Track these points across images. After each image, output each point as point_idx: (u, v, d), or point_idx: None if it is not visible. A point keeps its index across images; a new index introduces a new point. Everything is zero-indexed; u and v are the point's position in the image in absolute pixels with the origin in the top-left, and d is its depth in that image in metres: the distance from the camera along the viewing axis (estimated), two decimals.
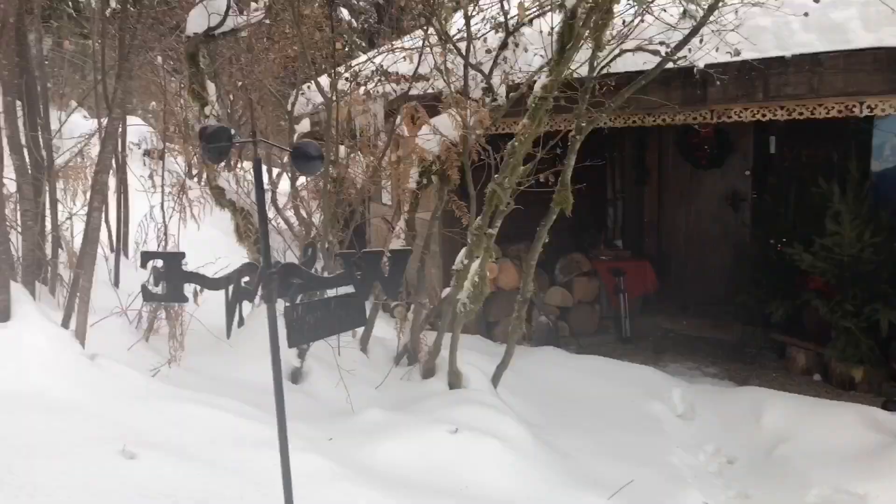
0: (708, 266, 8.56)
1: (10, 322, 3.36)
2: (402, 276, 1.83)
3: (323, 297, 1.89)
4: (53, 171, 4.47)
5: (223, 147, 1.60)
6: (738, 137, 8.21)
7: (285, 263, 1.84)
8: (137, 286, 5.10)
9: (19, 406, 2.97)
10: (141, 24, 3.50)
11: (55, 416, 2.96)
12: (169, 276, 1.81)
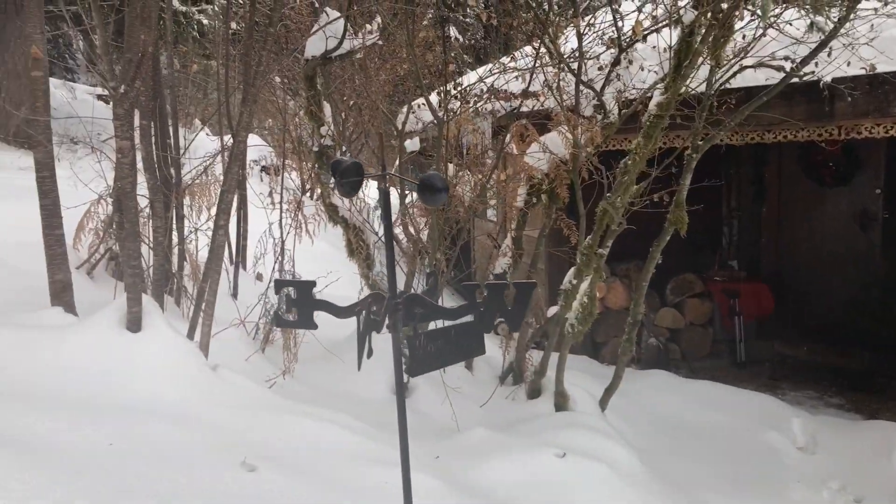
0: (831, 288, 8.07)
1: (140, 333, 3.57)
2: (527, 310, 1.81)
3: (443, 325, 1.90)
4: (181, 189, 4.72)
5: (356, 182, 1.64)
6: (867, 154, 7.72)
7: (410, 294, 1.86)
8: (255, 298, 5.36)
9: (148, 414, 3.14)
10: (266, 50, 3.66)
11: (180, 426, 3.11)
12: (300, 303, 1.87)
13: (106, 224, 5.56)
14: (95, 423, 2.90)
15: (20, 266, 5.06)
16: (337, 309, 1.92)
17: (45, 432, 2.68)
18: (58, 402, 3.05)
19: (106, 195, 5.69)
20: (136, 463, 2.54)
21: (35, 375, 3.33)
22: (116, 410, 3.12)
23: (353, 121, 8.01)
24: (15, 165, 10.04)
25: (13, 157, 10.25)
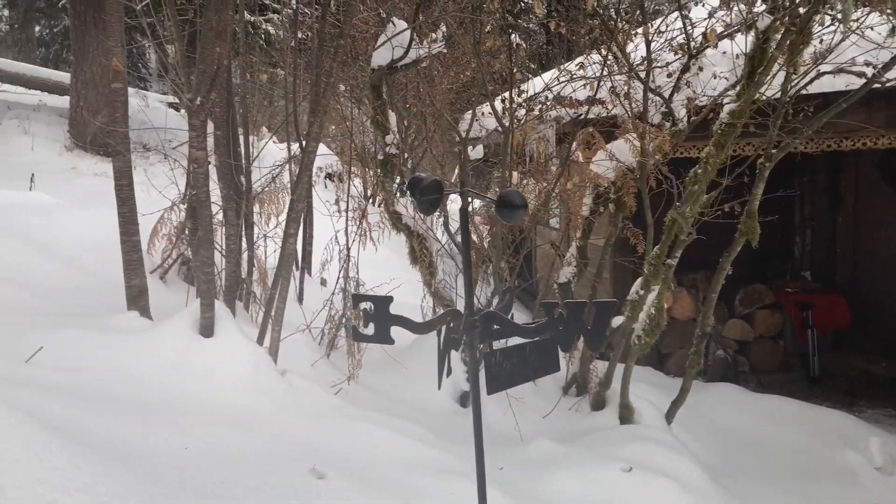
0: None
1: (213, 338, 3.66)
2: (607, 330, 1.78)
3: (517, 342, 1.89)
4: (251, 196, 4.83)
5: (435, 199, 1.64)
6: None
7: (487, 311, 1.85)
8: (320, 303, 5.44)
9: (221, 418, 3.21)
10: (337, 62, 3.71)
11: (251, 430, 3.17)
12: (378, 318, 1.88)
13: (178, 230, 5.74)
14: (171, 426, 2.99)
15: (98, 270, 5.27)
16: (414, 325, 1.93)
17: (124, 435, 2.77)
18: (135, 405, 3.15)
19: (178, 202, 5.88)
20: (211, 467, 2.60)
21: (113, 379, 3.44)
22: (190, 414, 3.20)
23: (416, 128, 8.06)
24: (91, 171, 10.45)
25: (90, 163, 10.67)
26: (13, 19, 16.13)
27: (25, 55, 16.04)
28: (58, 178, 9.54)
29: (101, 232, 5.88)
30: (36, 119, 11.24)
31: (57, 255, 5.13)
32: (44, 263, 4.85)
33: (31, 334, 3.58)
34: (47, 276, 4.73)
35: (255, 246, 5.03)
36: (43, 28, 16.23)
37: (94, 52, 10.69)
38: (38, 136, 10.69)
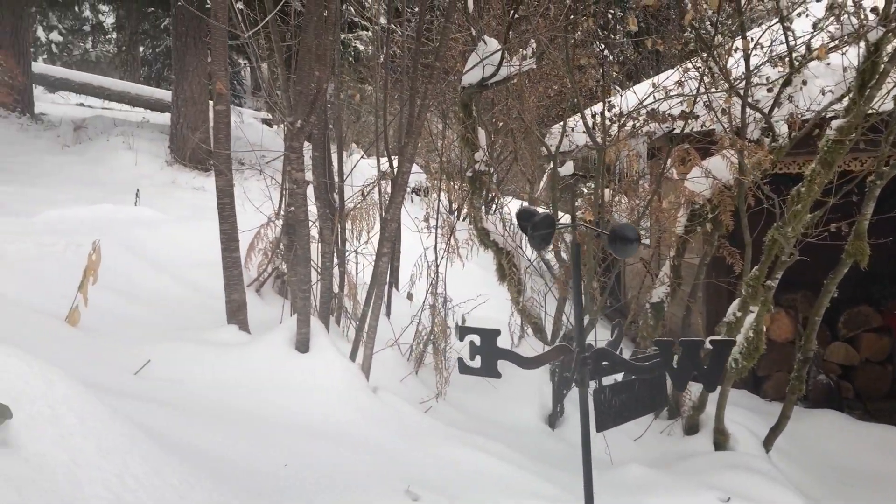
0: None
1: (308, 354, 3.75)
2: (724, 369, 1.72)
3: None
4: (343, 213, 4.93)
5: (547, 234, 1.63)
6: None
7: (599, 348, 1.83)
8: (407, 317, 5.49)
9: (316, 434, 3.28)
10: (431, 84, 3.76)
11: (346, 448, 3.22)
12: (485, 351, 1.88)
13: (273, 245, 5.92)
14: (270, 441, 3.07)
15: (200, 282, 5.49)
16: (523, 360, 1.92)
17: (227, 450, 2.86)
18: (236, 420, 3.26)
19: (274, 218, 6.06)
20: (309, 486, 2.65)
21: (213, 391, 3.57)
22: (287, 429, 3.28)
23: (502, 143, 8.07)
24: (189, 185, 10.93)
25: (188, 177, 11.16)
26: (120, 42, 17.13)
27: (130, 74, 16.98)
28: (159, 192, 10.02)
29: (201, 246, 6.13)
30: (139, 135, 11.85)
31: (162, 268, 5.37)
32: (151, 276, 5.09)
33: (140, 346, 3.76)
34: (154, 288, 4.95)
35: (346, 262, 5.12)
36: (146, 48, 17.17)
37: (194, 72, 11.19)
38: (141, 151, 11.27)
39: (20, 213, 6.87)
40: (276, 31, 3.18)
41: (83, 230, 5.81)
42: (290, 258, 4.59)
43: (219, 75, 4.08)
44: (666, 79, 4.96)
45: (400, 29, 6.52)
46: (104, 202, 8.33)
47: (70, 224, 6.09)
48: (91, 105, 14.85)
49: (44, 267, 4.59)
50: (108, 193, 9.47)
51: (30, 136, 11.60)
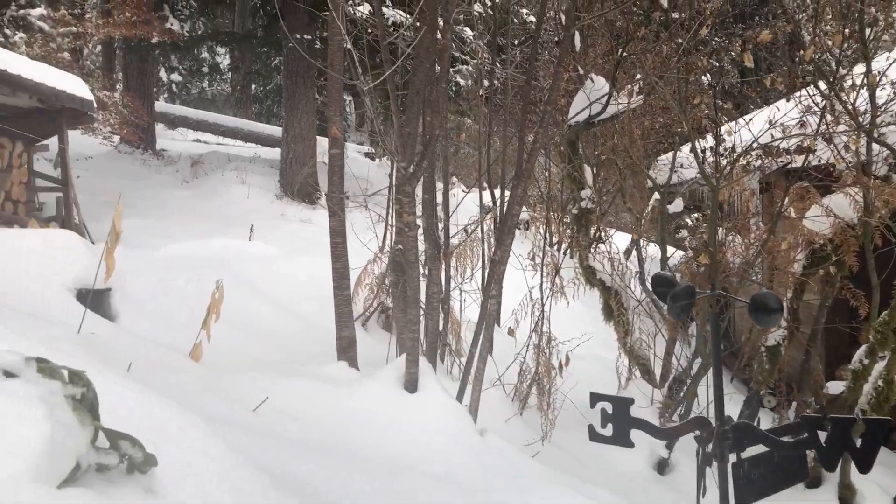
0: None
1: (417, 394, 3.78)
2: (878, 451, 1.62)
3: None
4: (448, 251, 4.98)
5: (687, 305, 1.60)
6: None
7: (739, 423, 1.76)
8: (509, 354, 5.47)
9: (427, 475, 3.29)
10: (542, 127, 3.77)
11: (455, 490, 3.22)
12: (616, 419, 1.85)
13: (379, 280, 6.04)
14: (380, 480, 3.11)
15: (311, 317, 5.67)
16: (656, 430, 1.87)
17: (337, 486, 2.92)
18: (345, 456, 3.32)
19: (379, 255, 6.20)
20: None
21: (325, 428, 3.66)
22: (397, 469, 3.31)
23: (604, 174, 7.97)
24: (297, 217, 11.34)
25: (296, 209, 11.60)
26: (235, 81, 18.13)
27: (243, 111, 17.89)
28: (269, 224, 10.44)
29: (310, 278, 6.35)
30: (251, 170, 12.42)
31: (276, 302, 5.59)
32: (265, 311, 5.30)
33: (257, 381, 3.90)
34: (268, 322, 5.15)
35: (450, 299, 5.16)
36: (258, 86, 18.10)
37: (303, 109, 11.66)
38: (253, 185, 11.80)
39: (144, 245, 7.31)
40: (391, 82, 3.28)
41: (202, 265, 6.13)
42: (397, 295, 4.67)
43: (334, 120, 4.23)
44: (783, 115, 4.76)
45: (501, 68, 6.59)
46: (220, 235, 8.77)
47: (190, 258, 6.44)
48: (207, 141, 15.71)
49: (168, 302, 4.87)
50: (222, 226, 9.96)
51: (151, 171, 12.37)
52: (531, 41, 9.45)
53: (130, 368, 3.23)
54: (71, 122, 8.50)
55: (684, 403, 4.84)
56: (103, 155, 12.19)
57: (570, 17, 3.60)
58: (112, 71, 14.41)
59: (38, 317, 3.35)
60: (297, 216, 11.30)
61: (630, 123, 5.53)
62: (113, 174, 11.57)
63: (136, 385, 2.27)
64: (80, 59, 11.46)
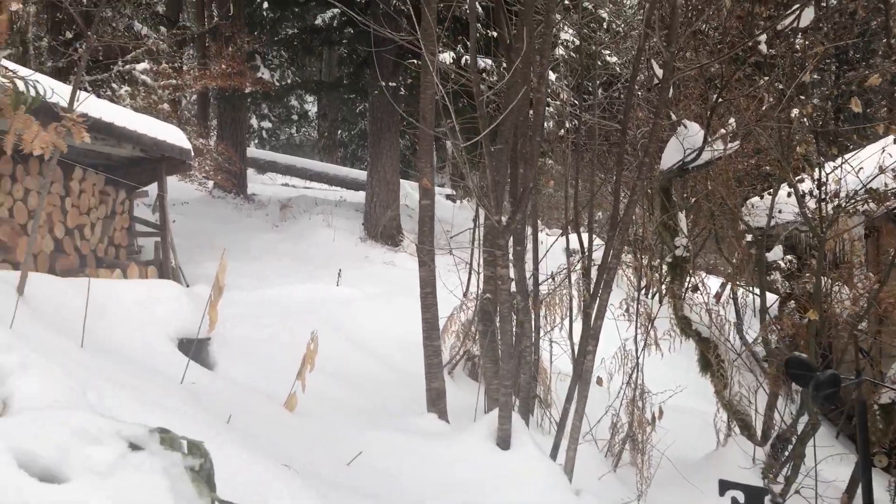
0: None
1: (510, 451, 3.70)
2: None
3: None
4: (538, 300, 4.92)
5: (831, 394, 1.51)
6: None
7: None
8: (598, 405, 5.31)
9: None
10: (641, 180, 3.70)
11: None
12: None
13: (465, 327, 6.01)
14: None
15: (397, 362, 5.69)
16: None
17: None
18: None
19: (465, 301, 6.18)
20: None
21: (417, 483, 3.62)
22: None
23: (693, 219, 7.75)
24: (381, 260, 11.50)
25: (380, 252, 11.76)
26: (322, 128, 18.74)
27: (328, 155, 18.43)
28: (354, 266, 10.62)
29: (396, 323, 6.39)
30: (337, 213, 12.71)
31: (364, 348, 5.63)
32: (355, 357, 5.34)
33: (349, 433, 3.91)
34: (358, 369, 5.18)
35: (539, 349, 5.08)
36: (342, 131, 18.64)
37: (387, 154, 11.90)
38: (338, 228, 12.06)
39: (237, 286, 7.51)
40: (487, 142, 3.28)
41: (294, 310, 6.26)
42: (485, 345, 4.62)
43: (425, 172, 4.27)
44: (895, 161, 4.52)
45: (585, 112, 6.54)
46: (308, 277, 8.98)
47: (283, 303, 6.59)
48: (294, 185, 16.21)
49: (263, 349, 4.97)
50: (310, 268, 10.20)
51: (243, 214, 12.82)
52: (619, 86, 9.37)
53: (231, 420, 3.29)
54: (170, 170, 8.91)
55: (790, 464, 4.57)
56: (198, 200, 12.73)
57: (669, 69, 3.54)
58: (206, 119, 15.11)
59: (143, 366, 3.47)
60: (380, 258, 11.46)
61: (727, 170, 5.36)
62: (207, 218, 12.05)
63: (244, 450, 2.29)
64: (179, 110, 12.07)
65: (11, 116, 2.80)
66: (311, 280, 8.93)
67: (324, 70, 17.76)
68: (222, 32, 11.58)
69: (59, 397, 1.56)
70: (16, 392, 1.54)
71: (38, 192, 6.77)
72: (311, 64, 16.27)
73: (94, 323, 3.62)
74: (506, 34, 4.63)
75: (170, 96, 10.54)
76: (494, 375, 4.58)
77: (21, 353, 1.61)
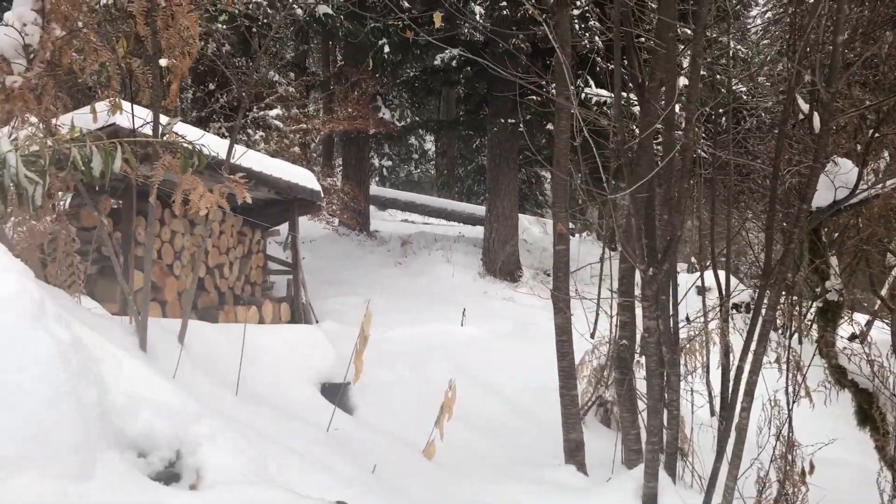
0: None
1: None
2: None
3: None
4: (677, 348, 4.71)
5: None
6: None
7: None
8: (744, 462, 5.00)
9: None
10: (798, 226, 3.48)
11: None
12: None
13: (597, 372, 5.86)
14: None
15: (528, 407, 5.60)
16: None
17: None
18: None
19: (595, 344, 6.04)
20: None
21: None
22: None
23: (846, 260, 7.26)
24: (499, 296, 11.46)
25: (498, 287, 11.73)
26: (442, 166, 19.11)
27: (446, 191, 18.72)
28: (473, 302, 10.63)
29: (523, 366, 6.31)
30: (456, 249, 12.82)
31: (493, 392, 5.59)
32: (486, 402, 5.31)
33: (485, 484, 3.86)
34: (489, 415, 5.14)
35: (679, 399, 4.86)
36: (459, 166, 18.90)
37: (506, 190, 11.93)
38: (457, 264, 12.15)
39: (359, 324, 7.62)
40: (634, 191, 3.20)
41: (423, 351, 6.32)
42: (622, 394, 4.47)
43: (559, 217, 4.22)
44: None
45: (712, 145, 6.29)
46: (431, 316, 9.05)
47: (410, 343, 6.66)
48: (413, 221, 16.53)
49: (397, 392, 5.02)
50: (431, 304, 10.30)
51: (365, 251, 13.17)
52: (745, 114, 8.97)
53: (375, 469, 3.32)
54: (301, 211, 9.29)
55: None
56: (324, 237, 13.20)
57: (830, 110, 3.32)
58: (331, 158, 15.70)
59: (294, 415, 3.57)
60: (499, 294, 11.43)
61: (884, 207, 4.99)
62: (332, 255, 12.47)
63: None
64: (308, 152, 12.62)
65: (180, 177, 2.99)
66: (433, 317, 9.01)
67: (441, 108, 18.10)
68: (347, 77, 12.05)
69: (245, 470, 1.60)
70: (206, 463, 1.60)
71: (182, 234, 7.24)
72: (430, 103, 16.63)
73: (245, 369, 3.77)
74: (638, 74, 4.52)
75: (300, 140, 11.03)
76: (632, 425, 4.41)
77: (209, 423, 1.67)
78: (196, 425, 1.65)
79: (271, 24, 9.52)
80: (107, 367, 1.54)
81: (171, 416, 1.59)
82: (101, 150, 2.68)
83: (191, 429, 1.63)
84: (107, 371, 1.52)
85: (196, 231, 7.32)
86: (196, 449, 1.63)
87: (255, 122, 11.08)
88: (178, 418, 1.59)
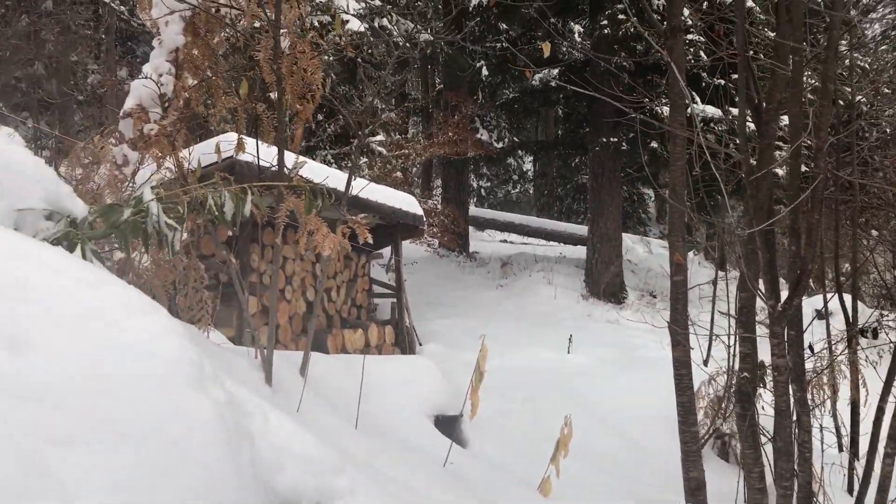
0: None
1: None
2: None
3: None
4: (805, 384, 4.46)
5: None
6: None
7: None
8: None
9: None
10: None
11: None
12: None
13: (714, 404, 5.63)
14: None
15: (642, 441, 5.43)
16: None
17: None
18: None
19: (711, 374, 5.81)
20: None
21: None
22: None
23: None
24: (603, 318, 11.22)
25: (602, 310, 11.50)
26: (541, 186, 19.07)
27: (545, 210, 18.61)
28: (577, 325, 10.46)
29: (633, 396, 6.13)
30: (557, 270, 12.68)
31: (606, 424, 5.46)
32: (599, 435, 5.18)
33: None
34: (604, 449, 5.02)
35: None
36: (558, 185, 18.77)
37: (609, 210, 11.72)
38: (559, 285, 12.00)
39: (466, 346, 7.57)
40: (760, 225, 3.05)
41: (531, 380, 6.26)
42: (743, 430, 4.25)
43: (676, 247, 4.09)
44: None
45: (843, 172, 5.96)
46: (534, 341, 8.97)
47: (518, 370, 6.60)
48: (512, 241, 16.49)
49: (508, 424, 4.99)
50: (533, 326, 10.21)
51: (465, 272, 13.22)
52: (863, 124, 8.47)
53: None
54: (404, 235, 9.46)
55: None
56: (425, 259, 13.35)
57: None
58: (430, 181, 15.92)
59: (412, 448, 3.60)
60: (603, 317, 11.20)
61: None
62: (433, 276, 12.58)
63: None
64: (409, 176, 12.84)
65: (304, 217, 3.09)
66: (537, 342, 8.93)
67: (540, 127, 18.04)
68: (447, 101, 12.20)
69: None
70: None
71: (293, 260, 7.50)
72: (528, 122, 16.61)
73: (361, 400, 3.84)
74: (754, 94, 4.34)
75: (402, 165, 11.24)
76: (755, 463, 4.19)
77: (349, 476, 1.70)
78: (337, 478, 1.68)
79: (379, 56, 9.74)
80: (256, 422, 1.59)
81: (315, 470, 1.63)
82: (231, 195, 2.80)
83: (332, 482, 1.66)
84: (255, 426, 1.57)
85: (306, 257, 7.57)
86: (335, 502, 1.66)
87: (359, 148, 11.38)
88: (320, 471, 1.63)
